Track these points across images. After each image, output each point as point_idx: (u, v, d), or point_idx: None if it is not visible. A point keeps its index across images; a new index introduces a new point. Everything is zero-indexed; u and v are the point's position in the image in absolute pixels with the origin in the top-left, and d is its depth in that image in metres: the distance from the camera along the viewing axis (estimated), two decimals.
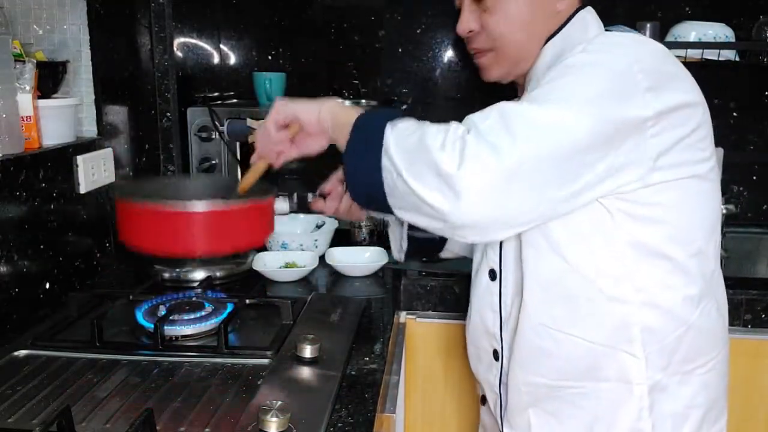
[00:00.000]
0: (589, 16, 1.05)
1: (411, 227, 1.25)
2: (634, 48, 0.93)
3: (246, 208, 1.15)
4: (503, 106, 0.86)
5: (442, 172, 0.81)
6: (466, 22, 1.07)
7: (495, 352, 1.10)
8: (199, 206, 1.12)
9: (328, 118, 0.99)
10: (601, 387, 0.98)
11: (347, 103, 1.83)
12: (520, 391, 1.06)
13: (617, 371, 0.96)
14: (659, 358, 0.96)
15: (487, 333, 1.11)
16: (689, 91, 0.94)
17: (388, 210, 0.91)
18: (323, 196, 1.21)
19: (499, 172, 0.80)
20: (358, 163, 0.91)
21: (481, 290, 1.11)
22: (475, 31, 1.07)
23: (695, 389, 0.99)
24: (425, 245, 1.27)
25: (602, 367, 0.97)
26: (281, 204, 1.22)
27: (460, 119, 1.20)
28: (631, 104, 0.85)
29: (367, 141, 0.90)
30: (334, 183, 1.20)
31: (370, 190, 0.91)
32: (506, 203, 0.82)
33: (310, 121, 1.01)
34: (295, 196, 1.22)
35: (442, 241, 1.26)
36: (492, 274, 1.08)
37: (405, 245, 1.28)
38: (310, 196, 1.21)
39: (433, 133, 0.85)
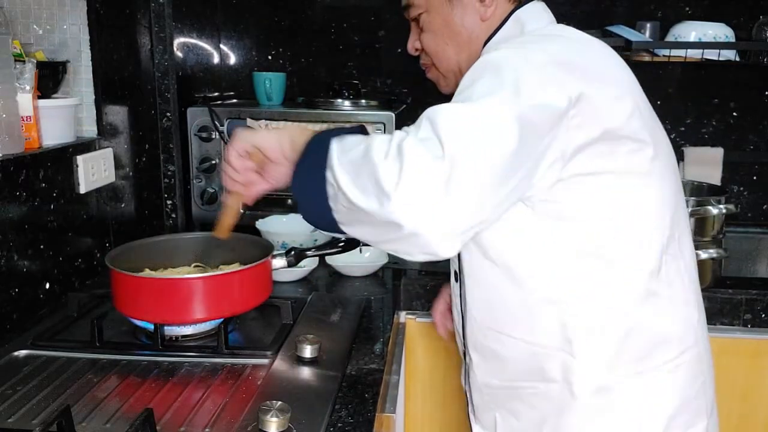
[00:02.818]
0: (525, 13, 1.04)
1: None
2: (552, 42, 0.94)
3: (243, 273, 1.14)
4: (432, 111, 0.84)
5: (381, 186, 0.79)
6: (411, 42, 1.14)
7: (464, 353, 1.12)
8: (195, 275, 1.14)
9: (287, 143, 0.96)
10: (550, 387, 0.97)
11: (322, 128, 1.83)
12: (481, 392, 1.07)
13: (561, 372, 0.95)
14: (602, 358, 0.94)
15: (458, 334, 1.14)
16: (613, 83, 0.92)
17: (336, 227, 0.89)
18: (321, 255, 1.25)
19: (433, 180, 0.78)
20: (305, 180, 0.90)
21: (451, 292, 1.14)
22: (420, 50, 1.13)
23: (654, 390, 0.96)
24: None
25: (547, 368, 0.96)
26: (278, 261, 1.22)
27: None
28: (549, 93, 0.84)
29: (314, 157, 0.89)
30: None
31: (316, 207, 0.88)
32: (444, 209, 0.79)
33: (270, 147, 0.97)
34: (292, 252, 1.23)
35: None
36: (456, 276, 1.09)
37: None
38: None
39: (378, 144, 0.83)
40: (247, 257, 1.22)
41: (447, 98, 1.19)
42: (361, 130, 0.94)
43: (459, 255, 1.04)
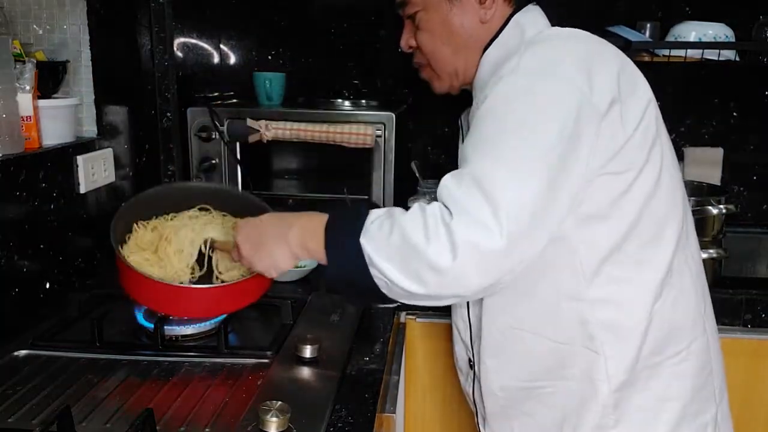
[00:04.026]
0: (524, 18, 1.04)
1: None
2: (572, 48, 0.94)
3: (249, 280, 1.13)
4: (474, 173, 0.84)
5: (439, 267, 0.80)
6: (405, 40, 1.13)
7: (470, 361, 1.11)
8: (196, 286, 1.14)
9: (300, 247, 0.96)
10: (569, 385, 0.98)
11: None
12: (496, 396, 1.07)
13: (581, 369, 0.96)
14: (624, 353, 0.95)
15: (462, 343, 1.13)
16: (632, 82, 0.93)
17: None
18: None
19: (495, 249, 0.80)
20: (350, 280, 0.89)
21: (452, 305, 1.14)
22: (414, 48, 1.12)
23: (666, 381, 0.97)
24: None
25: (568, 365, 0.97)
26: None
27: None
28: (585, 110, 0.86)
29: (347, 262, 0.87)
30: None
31: (370, 298, 0.94)
32: (507, 265, 0.83)
33: (289, 265, 0.99)
34: None
35: None
36: None
37: None
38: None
39: (411, 224, 0.83)
40: None
41: (446, 98, 1.20)
42: (368, 205, 0.95)
43: None
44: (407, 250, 0.82)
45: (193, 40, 1.94)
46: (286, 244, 0.96)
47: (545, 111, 0.86)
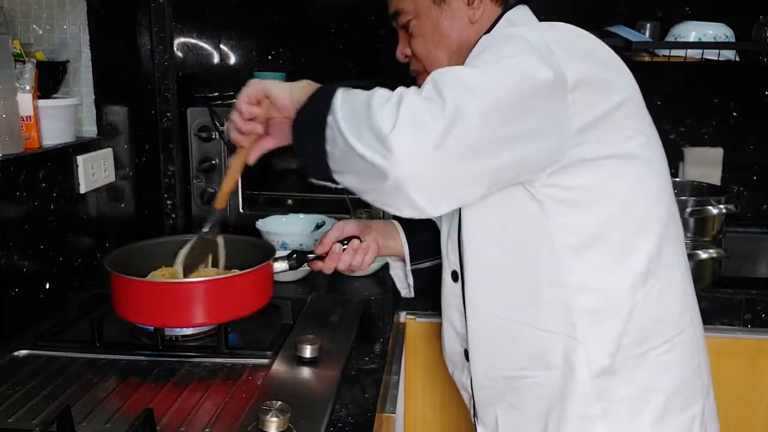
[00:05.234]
0: (515, 15, 1.06)
1: (413, 260, 1.24)
2: (550, 29, 0.96)
3: (245, 276, 1.12)
4: (437, 73, 0.87)
5: (378, 130, 0.82)
6: (401, 50, 1.16)
7: (465, 352, 1.12)
8: (196, 279, 1.12)
9: (299, 94, 0.97)
10: (551, 374, 0.98)
11: None
12: (484, 387, 1.07)
13: (563, 357, 0.96)
14: (605, 341, 0.95)
15: (456, 335, 1.13)
16: (609, 69, 0.95)
17: (328, 174, 0.90)
18: (320, 257, 1.19)
19: (430, 133, 0.81)
20: (307, 122, 0.92)
21: (447, 293, 1.13)
22: (409, 56, 1.15)
23: (652, 372, 0.97)
24: (432, 271, 1.24)
25: (550, 354, 0.97)
26: (280, 264, 1.21)
27: None
28: (547, 68, 0.86)
29: (319, 102, 0.90)
30: (327, 244, 1.18)
31: (314, 151, 0.89)
32: (438, 162, 0.82)
33: (281, 96, 0.99)
34: (294, 255, 1.21)
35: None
36: (454, 276, 1.09)
37: (411, 281, 1.27)
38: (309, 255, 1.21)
39: (380, 93, 0.86)
40: (248, 260, 1.20)
41: None
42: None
43: (460, 252, 1.04)
44: (364, 108, 0.85)
45: (193, 40, 1.94)
46: (289, 84, 0.99)
47: (525, 52, 0.88)
